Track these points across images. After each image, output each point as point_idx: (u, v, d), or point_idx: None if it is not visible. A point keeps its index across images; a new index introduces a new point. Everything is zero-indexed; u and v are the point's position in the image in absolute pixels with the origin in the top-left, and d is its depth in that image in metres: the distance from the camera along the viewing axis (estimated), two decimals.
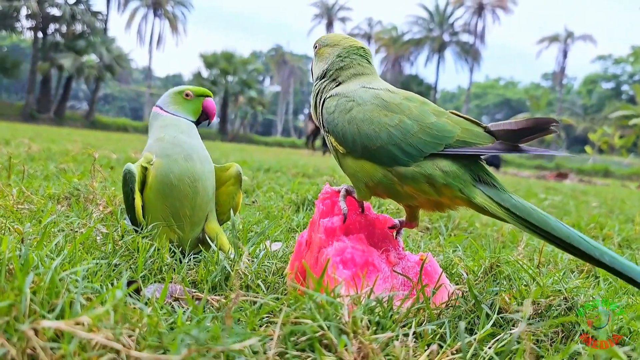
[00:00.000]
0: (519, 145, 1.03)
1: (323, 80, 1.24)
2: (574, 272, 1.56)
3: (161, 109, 1.39)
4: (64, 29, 30.63)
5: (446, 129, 1.04)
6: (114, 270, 1.07)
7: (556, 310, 1.05)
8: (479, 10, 40.69)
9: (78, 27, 30.99)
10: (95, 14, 31.92)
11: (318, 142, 14.78)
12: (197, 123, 1.42)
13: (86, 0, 31.90)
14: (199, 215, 1.33)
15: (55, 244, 1.10)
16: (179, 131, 1.34)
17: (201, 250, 1.34)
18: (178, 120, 1.37)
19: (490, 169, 1.09)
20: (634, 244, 2.35)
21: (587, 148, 29.94)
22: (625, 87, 50.98)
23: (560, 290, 1.12)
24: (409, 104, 1.08)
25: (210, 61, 33.00)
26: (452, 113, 1.10)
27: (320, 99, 1.22)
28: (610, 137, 27.16)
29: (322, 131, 1.21)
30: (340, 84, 1.20)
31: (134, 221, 1.29)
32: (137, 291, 0.96)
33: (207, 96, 1.43)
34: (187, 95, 1.40)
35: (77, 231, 1.40)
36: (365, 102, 1.10)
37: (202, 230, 1.37)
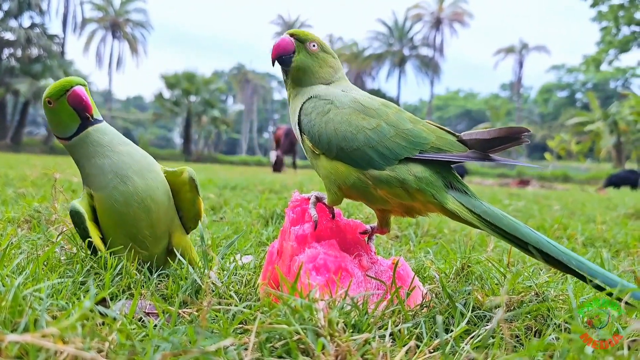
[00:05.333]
0: (490, 154, 1.05)
1: (315, 85, 1.21)
2: (542, 269, 1.58)
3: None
4: (19, 53, 29.84)
5: (422, 136, 1.06)
6: (79, 288, 1.03)
7: (528, 305, 1.06)
8: (437, 24, 41.65)
9: (34, 51, 30.21)
10: (51, 37, 31.22)
11: (287, 160, 14.72)
12: (84, 124, 1.18)
13: (42, 23, 31.28)
14: (161, 229, 1.24)
15: (17, 264, 1.06)
16: (97, 154, 1.18)
17: (171, 265, 1.29)
18: (81, 140, 1.18)
19: None
20: (596, 242, 2.41)
21: (547, 155, 30.85)
22: (579, 95, 52.98)
23: (530, 286, 1.14)
24: (386, 110, 1.10)
25: (171, 82, 32.69)
26: (428, 122, 1.12)
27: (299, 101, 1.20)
28: (568, 143, 28.08)
29: (295, 134, 1.20)
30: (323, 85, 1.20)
31: (95, 251, 1.20)
32: (103, 302, 0.92)
33: (68, 89, 1.14)
34: (49, 103, 1.15)
35: (39, 253, 1.34)
36: (343, 105, 1.11)
37: (168, 243, 1.28)
